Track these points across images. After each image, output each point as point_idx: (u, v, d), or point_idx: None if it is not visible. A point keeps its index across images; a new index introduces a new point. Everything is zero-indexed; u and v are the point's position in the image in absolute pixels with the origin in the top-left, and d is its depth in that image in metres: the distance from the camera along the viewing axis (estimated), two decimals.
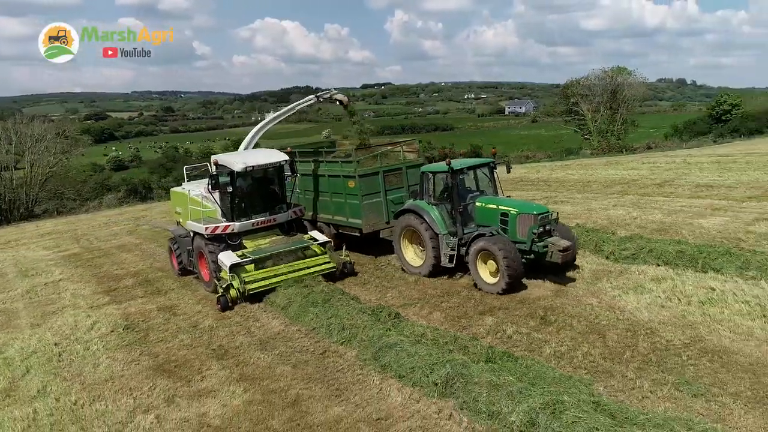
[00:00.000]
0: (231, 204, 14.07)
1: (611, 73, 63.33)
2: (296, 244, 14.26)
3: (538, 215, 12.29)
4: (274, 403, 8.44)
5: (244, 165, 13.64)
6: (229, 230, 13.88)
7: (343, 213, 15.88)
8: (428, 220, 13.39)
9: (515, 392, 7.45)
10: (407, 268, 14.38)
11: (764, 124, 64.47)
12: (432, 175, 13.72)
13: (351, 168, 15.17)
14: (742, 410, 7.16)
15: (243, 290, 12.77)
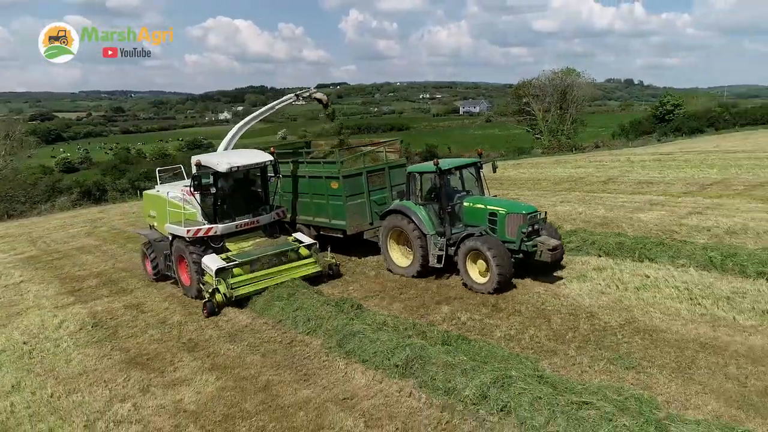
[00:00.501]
0: (214, 205, 13.72)
1: (561, 74, 65.47)
2: (282, 247, 14.03)
3: (527, 215, 12.41)
4: (246, 389, 9.01)
5: (229, 165, 13.32)
6: (212, 233, 13.53)
7: (325, 214, 15.67)
8: (416, 220, 13.34)
9: (468, 370, 8.25)
10: (394, 269, 14.26)
11: (704, 123, 67.66)
12: (419, 176, 13.73)
13: (334, 169, 15.00)
14: (667, 379, 8.11)
15: (230, 295, 12.54)
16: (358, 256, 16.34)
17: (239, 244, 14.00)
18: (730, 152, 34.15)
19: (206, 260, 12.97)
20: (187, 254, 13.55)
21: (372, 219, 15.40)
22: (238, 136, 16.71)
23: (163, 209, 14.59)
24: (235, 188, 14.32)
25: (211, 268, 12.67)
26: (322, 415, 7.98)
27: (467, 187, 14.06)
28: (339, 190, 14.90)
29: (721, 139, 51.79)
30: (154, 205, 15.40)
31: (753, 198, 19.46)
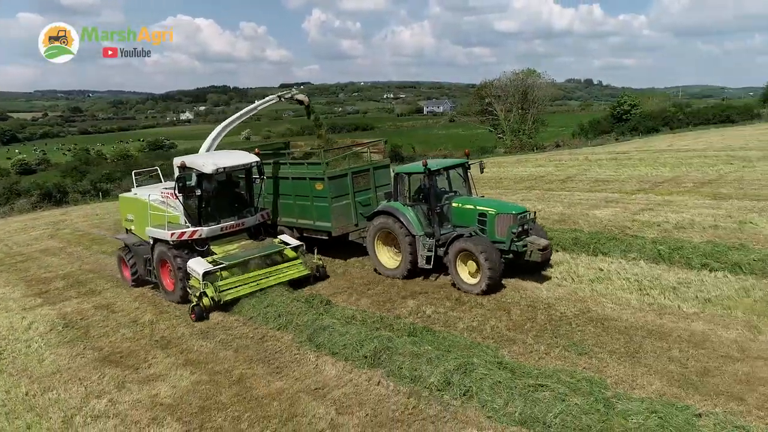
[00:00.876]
0: (198, 208, 13.46)
1: (522, 75, 66.83)
2: (268, 249, 13.86)
3: (517, 215, 12.43)
4: (221, 382, 9.35)
5: (215, 167, 13.07)
6: (197, 236, 13.23)
7: (309, 216, 15.49)
8: (404, 221, 13.27)
9: (433, 359, 8.77)
10: (382, 271, 14.15)
11: (659, 123, 69.66)
12: (407, 176, 13.72)
13: (319, 170, 14.81)
14: (616, 363, 8.75)
15: (218, 299, 12.31)
16: (331, 257, 16.52)
17: (224, 247, 13.83)
18: (683, 151, 35.52)
19: (192, 264, 12.73)
20: (171, 258, 13.22)
21: (357, 220, 15.36)
22: (221, 138, 16.32)
23: (142, 213, 14.25)
24: (220, 190, 14.15)
25: (198, 272, 12.43)
26: (295, 405, 8.38)
27: (454, 187, 14.15)
28: (324, 192, 14.81)
29: (675, 138, 53.54)
30: (132, 209, 15.10)
31: (701, 195, 20.50)
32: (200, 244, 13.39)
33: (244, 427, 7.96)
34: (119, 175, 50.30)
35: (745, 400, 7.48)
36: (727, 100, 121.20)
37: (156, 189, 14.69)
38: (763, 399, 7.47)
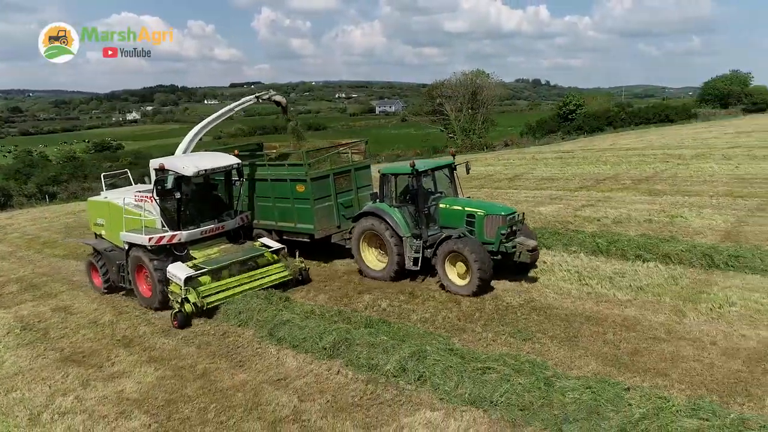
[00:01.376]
0: (177, 211, 12.99)
1: (471, 76, 68.26)
2: (250, 253, 13.66)
3: (506, 216, 12.46)
4: (185, 377, 9.70)
5: (197, 169, 12.71)
6: (176, 240, 12.84)
7: (290, 218, 15.23)
8: (391, 222, 13.13)
9: (389, 348, 9.34)
10: (368, 273, 13.97)
11: (603, 122, 72.21)
12: (393, 177, 13.64)
13: (301, 171, 14.56)
14: (557, 347, 9.52)
15: (201, 304, 12.02)
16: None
17: (204, 251, 13.51)
18: (623, 150, 37.22)
19: (172, 269, 12.40)
20: (148, 264, 12.81)
21: (339, 222, 15.20)
22: (198, 139, 15.85)
23: (115, 217, 13.87)
24: (199, 193, 13.86)
25: (179, 277, 12.10)
26: (259, 395, 8.83)
27: (439, 188, 14.07)
28: (306, 193, 14.60)
29: (618, 137, 55.80)
30: (103, 213, 14.61)
31: (638, 191, 21.77)
32: (179, 249, 13.06)
33: (211, 416, 8.36)
34: (66, 177, 49.24)
35: (669, 375, 8.33)
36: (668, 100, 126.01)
37: (129, 192, 14.34)
38: (684, 374, 8.33)
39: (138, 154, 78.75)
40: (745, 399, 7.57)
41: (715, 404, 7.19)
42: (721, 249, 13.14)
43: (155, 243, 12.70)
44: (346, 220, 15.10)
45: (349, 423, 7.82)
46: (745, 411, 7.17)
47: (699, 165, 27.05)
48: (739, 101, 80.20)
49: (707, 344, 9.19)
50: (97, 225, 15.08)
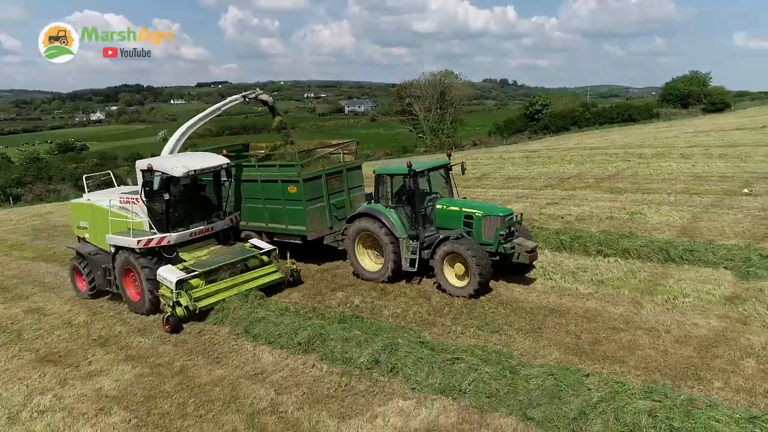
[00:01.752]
0: (166, 213, 12.71)
1: (440, 76, 69.03)
2: (242, 254, 13.45)
3: (505, 217, 12.47)
4: (163, 374, 9.92)
5: (186, 169, 12.45)
6: (165, 242, 12.63)
7: (281, 220, 15.00)
8: (387, 223, 12.98)
9: (362, 342, 9.72)
10: (363, 275, 13.81)
11: (569, 122, 73.67)
12: (389, 178, 13.54)
13: (293, 172, 14.36)
14: (522, 338, 10.01)
15: (193, 307, 11.83)
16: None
17: (194, 254, 13.26)
18: (588, 149, 38.17)
19: (163, 272, 12.16)
20: (137, 267, 12.56)
21: (332, 223, 15.03)
22: (185, 139, 15.45)
23: (99, 219, 13.59)
24: (188, 194, 13.65)
25: (171, 281, 11.85)
26: (237, 389, 9.11)
27: (435, 188, 13.95)
28: (298, 194, 14.40)
29: (583, 136, 57.04)
30: (86, 216, 14.28)
31: (600, 189, 22.53)
32: (168, 251, 12.86)
33: (190, 411, 8.61)
34: (30, 179, 48.44)
35: (626, 362, 8.87)
36: (631, 100, 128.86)
37: (113, 194, 14.05)
38: (640, 360, 8.88)
39: (104, 155, 77.71)
40: (695, 382, 8.12)
41: (667, 387, 7.72)
42: (676, 244, 13.81)
43: (144, 245, 12.45)
44: (338, 221, 15.00)
45: (325, 413, 8.16)
46: (694, 392, 7.72)
47: (659, 164, 28.00)
48: (698, 101, 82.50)
49: (662, 333, 9.77)
50: (80, 228, 14.72)
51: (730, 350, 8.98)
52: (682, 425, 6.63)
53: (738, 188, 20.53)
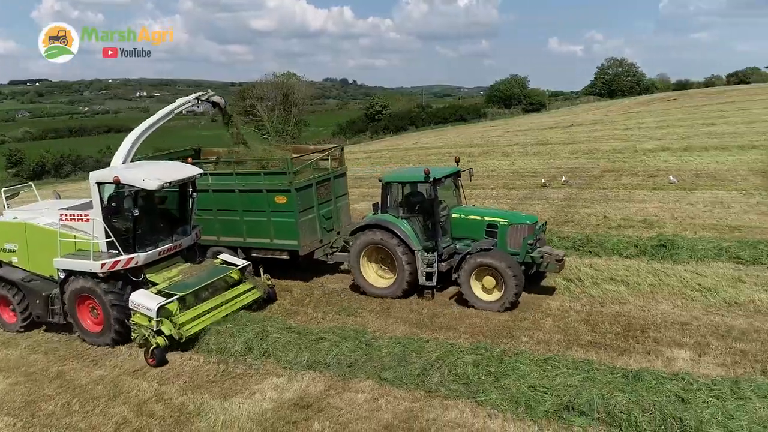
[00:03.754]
0: (133, 230, 11.31)
1: (282, 78, 69.94)
2: (219, 272, 12.20)
3: (533, 225, 12.14)
4: (40, 380, 10.29)
5: (160, 182, 10.92)
6: (133, 263, 11.18)
7: (264, 234, 13.82)
8: (402, 235, 12.19)
9: (235, 332, 10.83)
10: (369, 291, 12.88)
11: (407, 122, 78.06)
12: (401, 186, 12.88)
13: (283, 180, 13.24)
14: (375, 318, 11.77)
15: (178, 336, 10.59)
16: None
17: (163, 274, 11.76)
18: (425, 148, 41.51)
19: (137, 298, 10.72)
20: (100, 295, 11.06)
21: (321, 236, 14.17)
22: (137, 146, 13.48)
23: (36, 241, 12.13)
24: (151, 208, 12.21)
25: (150, 308, 10.47)
26: (119, 385, 9.84)
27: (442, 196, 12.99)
28: (289, 205, 13.29)
29: (420, 136, 61.15)
30: (13, 236, 12.54)
31: None
32: (136, 274, 11.43)
33: (76, 408, 9.23)
34: None
35: (458, 329, 10.93)
36: (462, 100, 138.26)
37: (46, 210, 12.74)
38: (468, 327, 10.98)
39: None
40: (508, 339, 10.34)
41: (488, 344, 9.83)
42: None
43: (109, 269, 10.95)
44: (326, 233, 14.28)
45: (208, 395, 9.24)
46: (507, 346, 9.88)
47: (485, 161, 31.56)
48: (519, 102, 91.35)
49: None
50: (4, 251, 12.84)
51: (534, 313, 11.37)
52: (497, 369, 8.69)
53: (547, 182, 24.11)
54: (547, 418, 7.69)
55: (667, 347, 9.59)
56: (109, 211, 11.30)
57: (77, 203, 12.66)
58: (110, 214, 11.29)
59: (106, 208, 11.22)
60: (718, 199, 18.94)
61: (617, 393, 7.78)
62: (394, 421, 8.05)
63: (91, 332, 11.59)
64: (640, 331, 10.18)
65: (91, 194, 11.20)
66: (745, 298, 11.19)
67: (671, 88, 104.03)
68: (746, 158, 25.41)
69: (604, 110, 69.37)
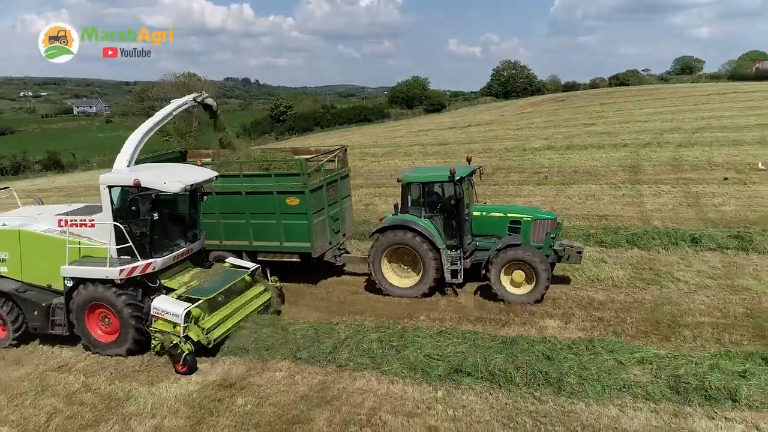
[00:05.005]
0: (151, 235, 11.04)
1: (183, 78, 68.82)
2: (234, 276, 12.06)
3: (555, 220, 12.84)
4: None
5: (182, 185, 10.71)
6: (151, 269, 10.94)
7: (272, 237, 13.69)
8: (427, 234, 12.46)
9: None
10: (391, 292, 13.02)
11: (312, 123, 78.89)
12: (423, 186, 13.07)
13: (296, 182, 13.14)
14: (289, 307, 12.78)
15: (206, 341, 10.39)
16: None
17: (177, 280, 11.52)
18: None
19: (161, 304, 10.50)
20: (115, 302, 10.76)
21: (331, 237, 14.29)
22: (140, 150, 12.59)
23: (33, 248, 11.63)
24: (167, 212, 11.86)
25: (176, 313, 10.28)
26: (45, 379, 10.37)
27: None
28: (301, 207, 13.23)
29: (326, 137, 62.10)
30: (5, 244, 11.86)
31: None
32: (152, 279, 11.24)
33: (5, 403, 9.71)
34: None
35: (365, 313, 12.24)
36: (366, 100, 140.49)
37: (39, 216, 12.22)
38: (374, 310, 12.34)
39: None
40: (408, 318, 11.78)
41: (390, 323, 11.20)
42: None
43: (128, 274, 10.70)
44: (334, 234, 14.44)
45: (135, 383, 10.01)
46: (407, 324, 11.28)
47: (388, 162, 33.15)
48: (420, 103, 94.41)
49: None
50: None
51: (431, 297, 12.87)
52: (399, 343, 10.06)
53: None
54: (440, 380, 9.12)
55: (540, 318, 11.39)
56: (126, 215, 10.95)
57: (71, 209, 12.31)
58: (128, 218, 10.93)
59: (125, 212, 10.94)
60: (591, 192, 21.43)
61: (497, 356, 9.35)
62: (309, 392, 9.21)
63: (102, 342, 11.23)
64: (518, 306, 11.92)
65: (101, 198, 10.88)
66: (605, 276, 13.25)
67: (560, 89, 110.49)
68: (618, 155, 28.44)
69: (500, 111, 73.29)
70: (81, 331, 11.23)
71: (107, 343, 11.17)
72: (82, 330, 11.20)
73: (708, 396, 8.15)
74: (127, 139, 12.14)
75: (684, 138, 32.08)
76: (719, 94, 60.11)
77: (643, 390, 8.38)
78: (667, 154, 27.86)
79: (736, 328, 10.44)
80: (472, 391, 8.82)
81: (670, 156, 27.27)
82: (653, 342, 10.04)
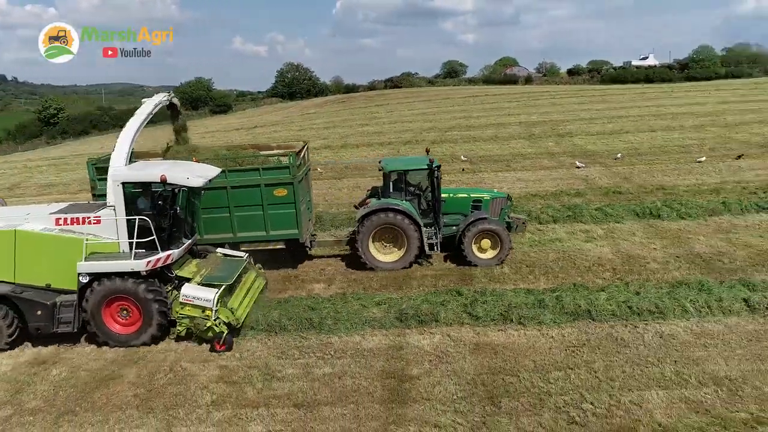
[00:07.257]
0: (170, 228, 11.86)
1: None
2: (239, 264, 13.02)
3: (507, 198, 15.62)
4: None
5: (203, 180, 11.78)
6: (171, 260, 11.69)
7: (257, 227, 14.63)
8: (411, 214, 14.53)
9: None
10: (378, 266, 14.91)
11: (89, 126, 74.57)
12: (405, 173, 15.15)
13: (284, 174, 14.22)
14: None
15: (235, 322, 11.37)
16: None
17: (186, 269, 12.36)
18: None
19: (190, 291, 11.34)
20: (141, 293, 11.23)
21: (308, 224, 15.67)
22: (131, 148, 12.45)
23: (33, 248, 11.41)
24: (176, 207, 12.27)
25: (207, 298, 11.21)
26: None
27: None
28: (288, 197, 14.35)
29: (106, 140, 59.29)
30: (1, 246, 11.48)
31: None
32: (169, 270, 12.00)
33: None
34: None
35: None
36: None
37: (28, 215, 12.06)
38: None
39: None
40: None
41: None
42: None
43: (152, 266, 11.33)
44: (308, 221, 15.83)
45: None
46: None
47: None
48: (206, 104, 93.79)
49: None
50: None
51: None
52: None
53: None
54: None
55: (308, 283, 14.45)
56: (157, 209, 11.83)
57: (62, 206, 12.48)
58: (158, 212, 11.80)
59: (159, 207, 11.84)
60: (357, 184, 25.14)
61: (273, 311, 12.15)
62: (117, 357, 11.16)
63: (120, 334, 11.58)
64: (294, 277, 14.87)
65: (114, 195, 11.28)
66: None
67: (342, 90, 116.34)
68: (382, 152, 32.88)
69: (286, 112, 76.08)
70: (97, 326, 11.49)
71: (127, 334, 11.58)
72: (99, 324, 11.48)
73: (420, 320, 11.80)
74: (118, 138, 12.28)
75: (437, 136, 37.88)
76: (473, 96, 69.65)
77: (379, 322, 11.78)
78: (420, 150, 32.95)
79: (446, 277, 14.46)
80: (254, 340, 11.51)
81: (421, 152, 32.39)
82: (390, 291, 13.57)
